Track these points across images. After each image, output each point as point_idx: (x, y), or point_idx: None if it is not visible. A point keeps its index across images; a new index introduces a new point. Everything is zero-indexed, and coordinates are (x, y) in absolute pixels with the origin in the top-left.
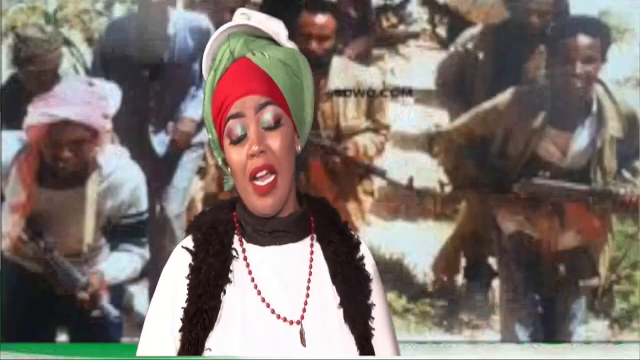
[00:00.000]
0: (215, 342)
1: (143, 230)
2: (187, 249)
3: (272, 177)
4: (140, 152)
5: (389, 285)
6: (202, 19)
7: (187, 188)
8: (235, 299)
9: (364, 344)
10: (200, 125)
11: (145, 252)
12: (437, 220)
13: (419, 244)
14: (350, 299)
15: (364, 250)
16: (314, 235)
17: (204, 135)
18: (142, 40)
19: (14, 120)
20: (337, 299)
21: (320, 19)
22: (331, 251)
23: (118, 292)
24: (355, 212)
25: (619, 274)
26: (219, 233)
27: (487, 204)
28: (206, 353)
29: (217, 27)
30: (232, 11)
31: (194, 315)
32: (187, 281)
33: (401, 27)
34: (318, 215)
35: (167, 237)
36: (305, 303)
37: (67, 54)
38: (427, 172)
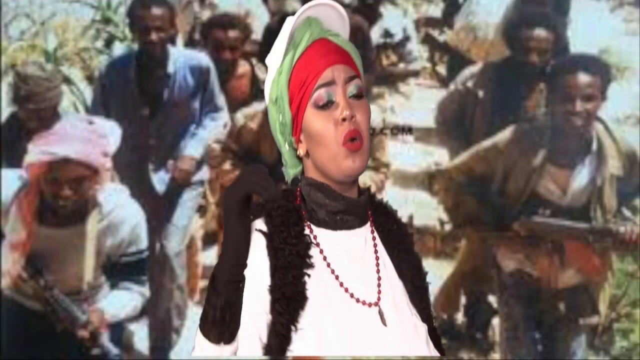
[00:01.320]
0: (308, 323)
1: (143, 268)
2: (262, 231)
3: (359, 143)
4: (140, 190)
5: None
6: (202, 57)
7: (187, 226)
8: (316, 283)
9: (430, 322)
10: (200, 163)
11: (145, 290)
12: (437, 258)
13: None
14: (415, 285)
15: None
16: (373, 223)
17: (204, 173)
18: (142, 78)
19: (14, 158)
20: (401, 284)
21: None
22: (391, 239)
23: (118, 330)
24: None
25: (619, 312)
26: (294, 217)
27: (487, 242)
28: (300, 333)
29: (216, 65)
30: (232, 49)
31: (292, 296)
32: (269, 262)
33: (401, 65)
34: (372, 204)
35: (167, 275)
36: (379, 285)
37: (67, 92)
38: (427, 210)
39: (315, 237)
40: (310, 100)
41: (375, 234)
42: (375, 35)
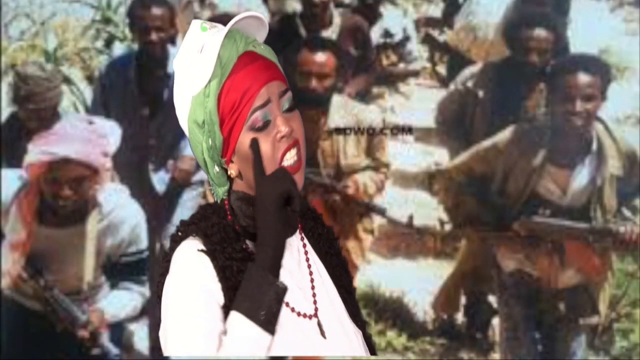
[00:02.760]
0: None
1: (143, 268)
2: (204, 251)
3: (297, 156)
4: (140, 190)
5: (389, 324)
6: None
7: None
8: None
9: (363, 331)
10: None
11: (145, 290)
12: (437, 258)
13: (419, 282)
14: (348, 289)
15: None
16: (301, 230)
17: (204, 174)
18: (142, 78)
19: (14, 158)
20: (335, 289)
21: (320, 57)
22: (322, 244)
23: (118, 330)
24: (355, 250)
25: (619, 312)
26: (229, 237)
27: (487, 242)
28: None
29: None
30: None
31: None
32: (220, 284)
33: (401, 65)
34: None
35: None
36: (314, 296)
37: (67, 92)
38: (427, 210)
39: (251, 253)
40: (247, 124)
41: (306, 241)
42: (375, 35)
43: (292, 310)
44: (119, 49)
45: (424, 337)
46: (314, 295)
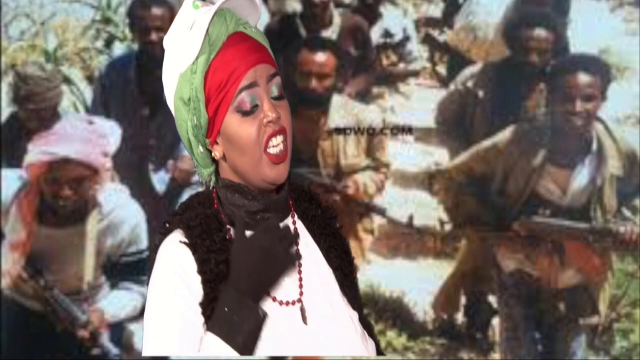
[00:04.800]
0: None
1: (143, 268)
2: (185, 243)
3: (283, 145)
4: (141, 190)
5: (389, 324)
6: None
7: None
8: None
9: (361, 313)
10: None
11: (145, 290)
12: (437, 258)
13: (419, 282)
14: (344, 271)
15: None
16: (294, 213)
17: None
18: (142, 78)
19: (14, 158)
20: (331, 271)
21: (320, 57)
22: (316, 225)
23: (118, 330)
24: (355, 250)
25: (619, 312)
26: (215, 225)
27: (487, 242)
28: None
29: None
30: None
31: (208, 304)
32: (200, 276)
33: (401, 65)
34: (293, 193)
35: None
36: (300, 280)
37: (67, 92)
38: (427, 210)
39: (231, 237)
40: (233, 105)
41: (298, 224)
42: (375, 35)
43: (274, 299)
44: (119, 49)
45: (424, 337)
46: (300, 279)
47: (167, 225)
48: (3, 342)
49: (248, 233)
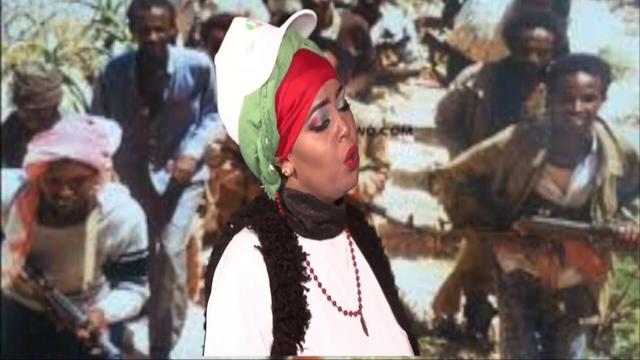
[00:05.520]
0: (311, 341)
1: (143, 268)
2: (259, 248)
3: (357, 155)
4: (140, 190)
5: None
6: (201, 57)
7: (187, 226)
8: (311, 297)
9: (407, 329)
10: (200, 163)
11: (145, 290)
12: (437, 258)
13: (419, 282)
14: (389, 289)
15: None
16: (348, 229)
17: (204, 173)
18: (142, 78)
19: (14, 158)
20: (379, 287)
21: None
22: (367, 242)
23: (118, 330)
24: None
25: (619, 312)
26: (280, 231)
27: (487, 242)
28: (305, 353)
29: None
30: None
31: (297, 314)
32: (268, 280)
33: (401, 65)
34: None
35: (167, 275)
36: (359, 293)
37: (67, 92)
38: (427, 210)
39: (300, 248)
40: (306, 124)
41: (352, 239)
42: (375, 35)
43: (339, 309)
44: (119, 49)
45: (424, 337)
46: (359, 292)
47: (233, 226)
48: (3, 342)
49: (312, 242)
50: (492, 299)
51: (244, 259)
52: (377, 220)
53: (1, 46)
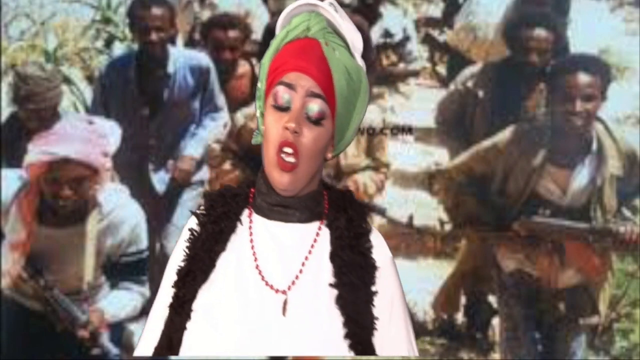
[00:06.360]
0: (201, 302)
1: (143, 268)
2: (194, 213)
3: (294, 160)
4: (140, 190)
5: None
6: (202, 57)
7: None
8: (230, 265)
9: (354, 328)
10: (200, 163)
11: (145, 290)
12: (437, 258)
13: (419, 282)
14: (344, 282)
15: (377, 241)
16: (324, 221)
17: (204, 173)
18: (142, 78)
19: (14, 158)
20: (331, 279)
21: None
22: (336, 236)
23: (118, 330)
24: None
25: (619, 312)
26: (226, 200)
27: (487, 242)
28: (199, 309)
29: (216, 65)
30: (232, 49)
31: (185, 275)
32: (185, 243)
33: (401, 65)
34: (334, 203)
35: None
36: (297, 277)
37: (67, 92)
38: (427, 210)
39: (251, 222)
40: (272, 91)
41: (322, 232)
42: (375, 35)
43: (263, 278)
44: (119, 49)
45: (424, 337)
46: (296, 276)
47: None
48: (3, 342)
49: (263, 219)
50: (492, 299)
51: (185, 230)
52: (377, 220)
53: (1, 46)
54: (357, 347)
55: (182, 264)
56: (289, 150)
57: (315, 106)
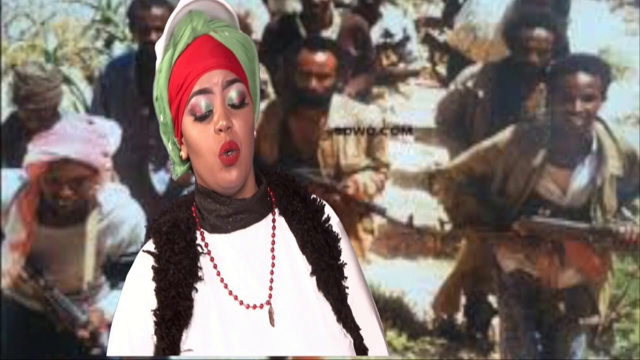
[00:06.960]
0: (193, 342)
1: None
2: (148, 252)
3: (236, 152)
4: (140, 190)
5: (389, 324)
6: None
7: None
8: (205, 295)
9: (340, 307)
10: None
11: None
12: (437, 258)
13: (419, 282)
14: (321, 265)
15: (328, 210)
16: (276, 210)
17: None
18: (142, 78)
19: (14, 158)
20: (309, 267)
21: (320, 57)
22: (296, 221)
23: None
24: (355, 250)
25: (619, 312)
26: (181, 231)
27: (487, 242)
28: (187, 354)
29: None
30: None
31: (170, 318)
32: (154, 284)
33: (401, 65)
34: (277, 188)
35: None
36: (271, 281)
37: (67, 92)
38: (427, 210)
39: (206, 245)
40: (187, 107)
41: (278, 222)
42: (375, 35)
43: (241, 303)
44: (119, 49)
45: (424, 337)
46: (271, 281)
47: (146, 229)
48: (3, 342)
49: (220, 236)
50: (492, 299)
51: (135, 265)
52: (377, 220)
53: (1, 46)
54: (350, 325)
55: (161, 307)
56: (230, 150)
57: (234, 92)
